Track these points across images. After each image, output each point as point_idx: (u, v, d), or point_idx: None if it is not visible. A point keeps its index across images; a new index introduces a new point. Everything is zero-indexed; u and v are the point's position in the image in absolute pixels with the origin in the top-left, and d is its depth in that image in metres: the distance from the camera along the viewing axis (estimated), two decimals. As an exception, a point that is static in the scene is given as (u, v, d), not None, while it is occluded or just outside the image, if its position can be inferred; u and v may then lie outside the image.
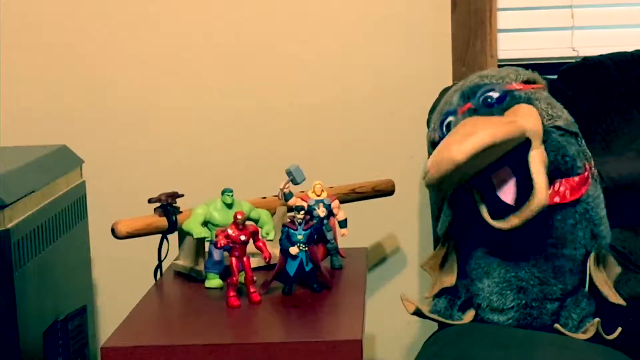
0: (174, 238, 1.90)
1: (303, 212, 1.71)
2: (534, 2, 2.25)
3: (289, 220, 1.71)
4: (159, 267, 1.92)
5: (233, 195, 1.82)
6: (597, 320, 1.65)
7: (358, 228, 2.04)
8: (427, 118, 2.02)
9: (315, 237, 1.73)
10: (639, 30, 2.25)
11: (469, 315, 1.73)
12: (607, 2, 2.25)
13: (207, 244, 1.83)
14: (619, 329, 1.67)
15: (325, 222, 1.83)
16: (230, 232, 1.67)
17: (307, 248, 1.69)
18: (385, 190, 2.13)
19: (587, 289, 1.68)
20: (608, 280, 1.69)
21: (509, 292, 1.69)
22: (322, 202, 1.84)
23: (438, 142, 1.70)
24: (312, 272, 1.71)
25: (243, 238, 1.67)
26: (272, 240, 1.84)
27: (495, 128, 1.58)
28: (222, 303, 1.68)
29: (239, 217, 1.67)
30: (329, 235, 1.85)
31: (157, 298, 1.81)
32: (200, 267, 1.82)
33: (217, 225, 1.79)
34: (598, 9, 2.24)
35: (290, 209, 1.85)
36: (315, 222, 1.74)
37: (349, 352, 1.49)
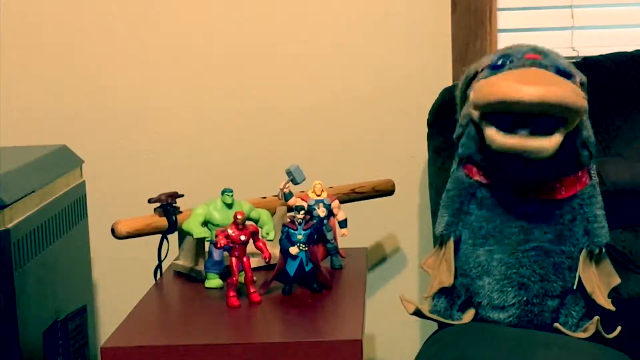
0: (174, 238, 1.90)
1: (303, 212, 1.71)
2: (534, 2, 2.25)
3: (289, 220, 1.71)
4: (159, 267, 1.92)
5: (233, 195, 1.82)
6: (596, 319, 1.65)
7: (358, 228, 2.04)
8: (427, 118, 2.02)
9: (315, 237, 1.73)
10: (639, 30, 2.25)
11: (469, 315, 1.73)
12: (607, 2, 2.25)
13: (207, 244, 1.83)
14: (619, 328, 1.67)
15: (325, 222, 1.83)
16: (230, 232, 1.67)
17: (307, 248, 1.69)
18: (385, 190, 2.13)
19: (575, 287, 1.68)
20: (601, 284, 1.69)
21: (510, 289, 1.69)
22: (322, 202, 1.84)
23: (480, 72, 1.69)
24: (312, 272, 1.71)
25: (243, 238, 1.67)
26: (272, 240, 1.84)
27: (573, 93, 1.57)
28: (222, 303, 1.68)
29: (239, 217, 1.67)
30: (329, 235, 1.85)
31: (157, 298, 1.81)
32: (200, 267, 1.82)
33: (217, 225, 1.79)
34: (598, 9, 2.24)
35: (290, 209, 1.85)
36: (315, 222, 1.74)
37: (349, 352, 1.49)
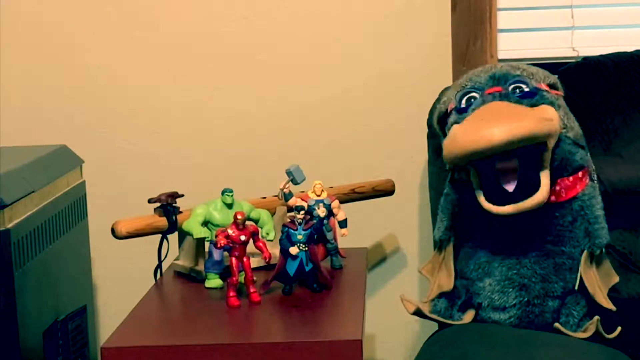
0: (174, 238, 1.90)
1: (303, 212, 1.71)
2: (534, 2, 2.25)
3: (289, 220, 1.71)
4: (159, 267, 1.92)
5: (233, 195, 1.82)
6: (596, 319, 1.65)
7: (358, 228, 2.04)
8: (427, 118, 2.02)
9: (315, 237, 1.73)
10: (639, 30, 2.25)
11: (469, 315, 1.73)
12: (607, 2, 2.24)
13: (207, 244, 1.83)
14: (619, 328, 1.67)
15: (325, 222, 1.83)
16: (230, 232, 1.67)
17: (307, 248, 1.69)
18: (385, 190, 2.13)
19: (577, 288, 1.68)
20: (601, 284, 1.69)
21: (511, 289, 1.69)
22: (322, 202, 1.84)
23: (449, 113, 1.69)
24: (312, 272, 1.71)
25: (243, 238, 1.67)
26: (272, 240, 1.84)
27: (537, 121, 1.58)
28: (222, 303, 1.68)
29: (239, 217, 1.67)
30: (329, 235, 1.85)
31: (157, 298, 1.81)
32: (200, 267, 1.82)
33: (217, 225, 1.79)
34: (598, 9, 2.24)
35: (290, 209, 1.84)
36: (315, 222, 1.74)
37: (349, 352, 1.49)
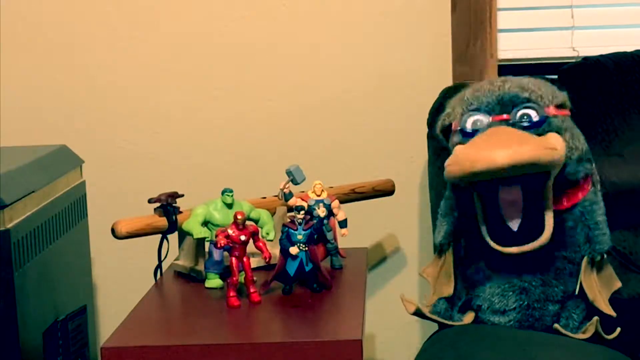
0: (174, 238, 1.90)
1: (303, 212, 1.71)
2: (534, 2, 2.25)
3: (289, 220, 1.71)
4: (159, 267, 1.92)
5: (233, 195, 1.82)
6: (596, 319, 1.65)
7: (358, 228, 2.04)
8: (427, 118, 2.02)
9: (315, 237, 1.73)
10: (639, 30, 2.25)
11: (469, 317, 1.73)
12: (607, 2, 2.25)
13: (207, 244, 1.83)
14: (619, 329, 1.67)
15: (325, 222, 1.83)
16: (230, 232, 1.67)
17: (307, 248, 1.69)
18: (385, 190, 2.13)
19: (577, 293, 1.67)
20: (602, 290, 1.69)
21: (511, 293, 1.69)
22: (322, 202, 1.84)
23: (453, 131, 1.69)
24: (312, 272, 1.71)
25: (243, 238, 1.67)
26: (272, 240, 1.84)
27: (541, 149, 1.58)
28: (222, 303, 1.68)
29: (239, 217, 1.67)
30: (329, 235, 1.85)
31: (157, 298, 1.81)
32: (200, 267, 1.82)
33: (217, 225, 1.79)
34: (598, 9, 2.24)
35: (290, 209, 1.85)
36: (315, 222, 1.74)
37: (349, 352, 1.49)
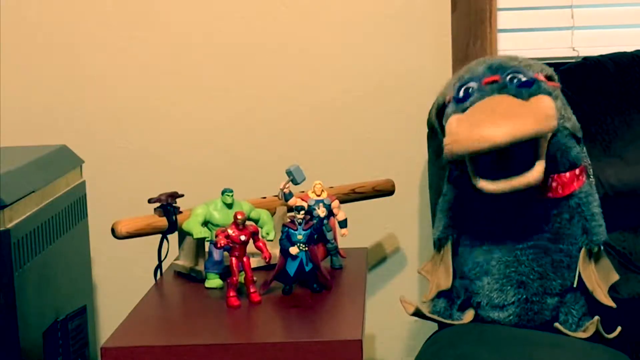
0: (174, 238, 1.90)
1: (303, 212, 1.71)
2: (534, 2, 2.25)
3: (289, 220, 1.71)
4: (159, 267, 1.92)
5: (233, 195, 1.82)
6: (597, 319, 1.65)
7: (358, 228, 2.04)
8: (427, 118, 2.02)
9: (315, 237, 1.73)
10: (639, 30, 2.25)
11: (469, 315, 1.73)
12: (607, 2, 2.25)
13: (207, 244, 1.83)
14: (619, 328, 1.67)
15: (325, 222, 1.83)
16: (230, 232, 1.67)
17: (307, 248, 1.69)
18: (385, 190, 2.13)
19: (576, 285, 1.68)
20: (600, 281, 1.69)
21: (510, 287, 1.69)
22: (322, 202, 1.84)
23: (447, 104, 1.69)
24: (312, 272, 1.71)
25: (243, 238, 1.67)
26: (272, 240, 1.84)
27: (538, 121, 1.57)
28: (222, 303, 1.68)
29: (239, 217, 1.67)
30: (329, 235, 1.85)
31: (157, 298, 1.81)
32: (200, 267, 1.82)
33: (217, 225, 1.79)
34: (598, 9, 2.24)
35: (290, 209, 1.84)
36: (315, 222, 1.74)
37: (349, 352, 1.49)
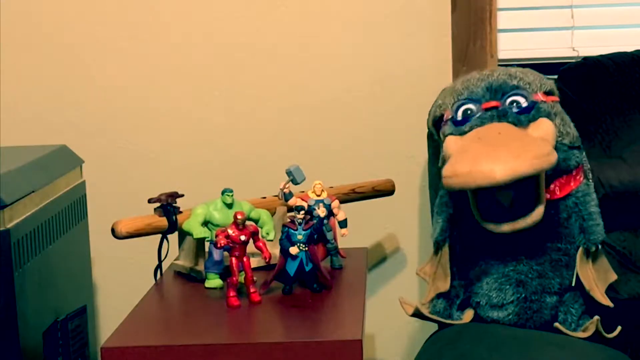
0: (174, 238, 1.90)
1: (303, 212, 1.71)
2: (534, 2, 2.25)
3: (289, 220, 1.71)
4: (159, 267, 1.92)
5: (233, 195, 1.82)
6: (596, 319, 1.65)
7: (358, 228, 2.04)
8: (427, 118, 2.02)
9: (315, 237, 1.73)
10: (639, 30, 2.25)
11: (469, 315, 1.73)
12: (607, 2, 2.25)
13: (207, 244, 1.83)
14: (619, 328, 1.67)
15: (325, 222, 1.83)
16: (230, 232, 1.67)
17: (307, 248, 1.69)
18: (385, 190, 2.13)
19: (573, 284, 1.68)
20: (598, 281, 1.69)
21: (508, 286, 1.69)
22: (322, 202, 1.84)
23: (445, 121, 1.69)
24: (312, 272, 1.71)
25: (243, 238, 1.67)
26: (272, 240, 1.84)
27: (539, 158, 1.58)
28: (222, 303, 1.68)
29: (239, 217, 1.67)
30: (329, 235, 1.85)
31: (157, 298, 1.81)
32: (200, 267, 1.82)
33: (217, 225, 1.79)
34: (598, 9, 2.24)
35: (290, 209, 1.84)
36: (315, 222, 1.74)
37: (349, 352, 1.49)
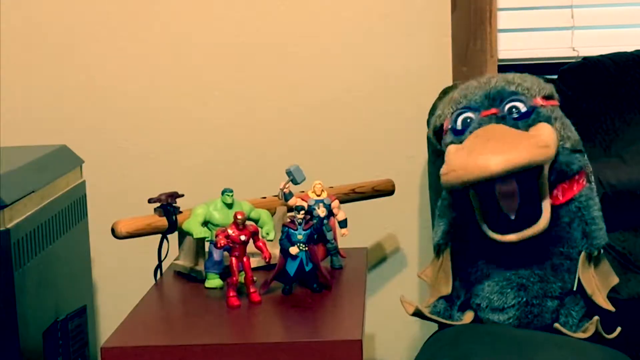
0: (174, 238, 1.90)
1: (303, 212, 1.71)
2: (534, 2, 2.25)
3: (289, 220, 1.71)
4: (159, 267, 1.92)
5: (233, 195, 1.82)
6: (596, 319, 1.65)
7: (358, 228, 2.04)
8: (427, 118, 2.02)
9: (315, 237, 1.73)
10: (639, 30, 2.25)
11: (469, 316, 1.73)
12: (607, 2, 2.25)
13: (207, 244, 1.83)
14: (619, 329, 1.67)
15: (325, 222, 1.83)
16: (230, 232, 1.67)
17: (307, 248, 1.69)
18: (385, 190, 2.13)
19: (575, 289, 1.68)
20: (600, 286, 1.69)
21: (510, 290, 1.69)
22: (322, 202, 1.84)
23: (445, 131, 1.69)
24: (312, 272, 1.71)
25: (243, 238, 1.67)
26: (272, 240, 1.84)
27: (533, 150, 1.58)
28: (222, 303, 1.68)
29: (239, 217, 1.67)
30: (329, 235, 1.85)
31: (157, 298, 1.81)
32: (200, 267, 1.82)
33: (217, 225, 1.79)
34: (598, 9, 2.24)
35: (290, 209, 1.85)
36: (315, 222, 1.74)
37: (349, 352, 1.49)
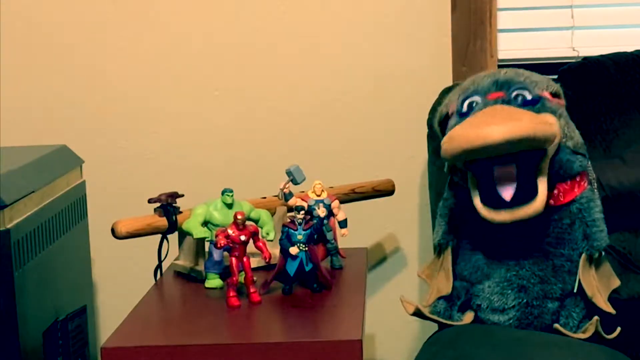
0: (174, 238, 1.90)
1: (303, 212, 1.71)
2: (534, 2, 2.25)
3: (289, 220, 1.72)
4: (159, 267, 1.92)
5: (233, 195, 1.82)
6: (596, 319, 1.65)
7: (358, 228, 2.04)
8: (427, 118, 2.02)
9: (315, 237, 1.73)
10: (639, 30, 2.25)
11: (469, 317, 1.73)
12: (607, 2, 2.25)
13: (207, 244, 1.83)
14: (619, 329, 1.67)
15: (325, 222, 1.83)
16: (230, 232, 1.67)
17: (307, 248, 1.69)
18: (385, 190, 2.13)
19: (576, 290, 1.68)
20: (601, 288, 1.69)
21: (510, 291, 1.69)
22: (322, 202, 1.84)
23: (450, 115, 1.69)
24: (312, 272, 1.71)
25: (243, 238, 1.67)
26: (272, 240, 1.85)
27: (537, 123, 1.58)
28: (222, 303, 1.68)
29: (239, 217, 1.67)
30: (329, 235, 1.85)
31: (157, 298, 1.81)
32: (200, 267, 1.82)
33: (217, 225, 1.79)
34: (598, 9, 2.24)
35: (290, 209, 1.85)
36: (315, 222, 1.74)
37: (349, 352, 1.49)
